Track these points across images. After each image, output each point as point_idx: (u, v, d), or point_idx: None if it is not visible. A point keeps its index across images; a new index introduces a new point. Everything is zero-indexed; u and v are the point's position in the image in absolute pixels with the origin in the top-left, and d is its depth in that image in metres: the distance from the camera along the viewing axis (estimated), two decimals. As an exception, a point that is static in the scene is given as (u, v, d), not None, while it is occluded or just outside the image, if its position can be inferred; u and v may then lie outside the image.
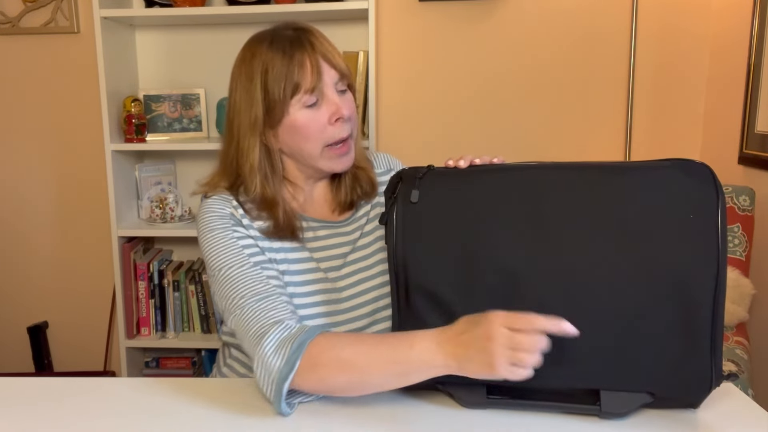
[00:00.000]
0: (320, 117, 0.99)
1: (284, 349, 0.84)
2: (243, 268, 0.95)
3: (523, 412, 0.86)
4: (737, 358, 1.67)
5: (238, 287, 0.94)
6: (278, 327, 0.88)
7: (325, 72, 0.99)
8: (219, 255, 0.97)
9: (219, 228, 0.99)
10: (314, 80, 0.98)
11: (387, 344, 0.81)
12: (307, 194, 1.09)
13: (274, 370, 0.84)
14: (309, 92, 0.98)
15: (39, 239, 2.55)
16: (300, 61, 0.97)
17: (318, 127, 0.99)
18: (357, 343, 0.83)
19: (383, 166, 1.19)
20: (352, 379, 0.82)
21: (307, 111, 0.99)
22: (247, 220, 1.00)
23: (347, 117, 1.01)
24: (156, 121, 2.36)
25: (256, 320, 0.90)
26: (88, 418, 0.88)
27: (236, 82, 1.03)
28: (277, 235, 1.01)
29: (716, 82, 2.23)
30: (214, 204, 1.01)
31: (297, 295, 1.01)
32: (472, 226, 0.83)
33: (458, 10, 2.30)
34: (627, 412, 0.82)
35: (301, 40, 0.99)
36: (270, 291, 0.93)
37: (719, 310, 0.78)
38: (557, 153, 2.35)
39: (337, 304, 1.04)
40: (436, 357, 0.78)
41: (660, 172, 0.81)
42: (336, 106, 1.00)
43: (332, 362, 0.82)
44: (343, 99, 1.02)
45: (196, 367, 2.47)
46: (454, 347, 0.77)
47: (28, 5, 2.37)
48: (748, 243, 1.87)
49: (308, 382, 0.84)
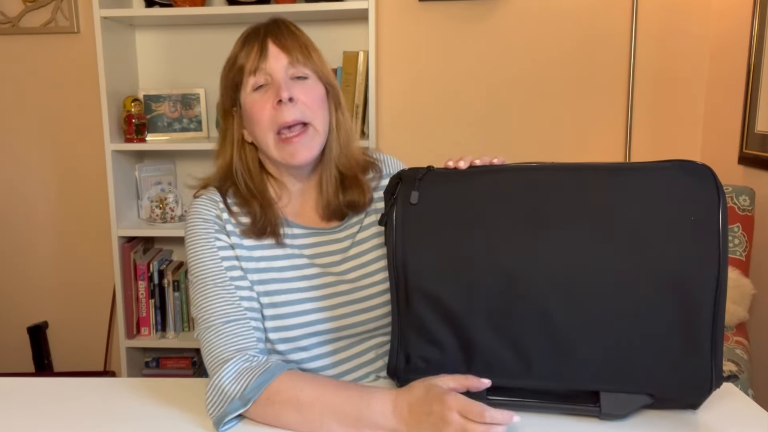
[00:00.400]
0: (265, 100, 0.98)
1: (243, 381, 0.86)
2: (218, 287, 0.95)
3: (522, 412, 0.86)
4: (737, 358, 1.67)
5: (211, 304, 0.94)
6: (240, 356, 0.89)
7: (273, 55, 0.98)
8: (199, 264, 0.97)
9: (203, 233, 0.98)
10: (257, 62, 0.98)
11: (345, 396, 0.83)
12: (294, 196, 1.06)
13: (228, 399, 0.86)
14: (252, 74, 0.98)
15: (39, 239, 2.55)
16: (250, 47, 0.99)
17: (262, 111, 0.97)
18: (317, 388, 0.85)
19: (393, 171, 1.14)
20: (306, 419, 0.84)
21: (254, 94, 0.99)
22: (230, 225, 1.00)
23: (286, 98, 0.95)
24: (156, 121, 2.36)
25: (220, 343, 0.91)
26: (88, 418, 0.88)
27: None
28: (255, 232, 0.99)
29: (716, 83, 2.23)
30: (201, 205, 1.01)
31: (280, 304, 0.99)
32: (472, 227, 0.83)
33: (458, 10, 2.30)
34: (627, 414, 0.82)
35: (259, 30, 1.01)
36: (239, 315, 0.94)
37: (720, 312, 0.78)
38: (557, 153, 2.35)
39: (344, 296, 1.02)
40: (389, 422, 0.80)
41: (661, 173, 0.81)
42: (278, 87, 0.97)
43: (289, 401, 0.84)
44: (299, 84, 0.99)
45: (196, 367, 2.47)
46: (407, 417, 0.80)
47: (28, 5, 2.37)
48: (748, 243, 1.87)
49: (262, 415, 0.86)
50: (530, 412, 0.86)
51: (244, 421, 0.88)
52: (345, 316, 1.01)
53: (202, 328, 0.94)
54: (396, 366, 0.88)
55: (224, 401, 0.86)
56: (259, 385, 0.85)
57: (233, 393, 0.86)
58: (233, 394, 0.86)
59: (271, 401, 0.85)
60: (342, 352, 1.02)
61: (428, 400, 0.79)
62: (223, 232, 0.99)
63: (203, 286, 0.96)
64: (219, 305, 0.94)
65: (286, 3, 2.14)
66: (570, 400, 0.83)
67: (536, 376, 0.82)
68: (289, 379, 0.86)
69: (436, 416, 0.77)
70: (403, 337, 0.87)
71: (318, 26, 2.27)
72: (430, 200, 0.85)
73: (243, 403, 0.85)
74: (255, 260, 1.00)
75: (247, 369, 0.87)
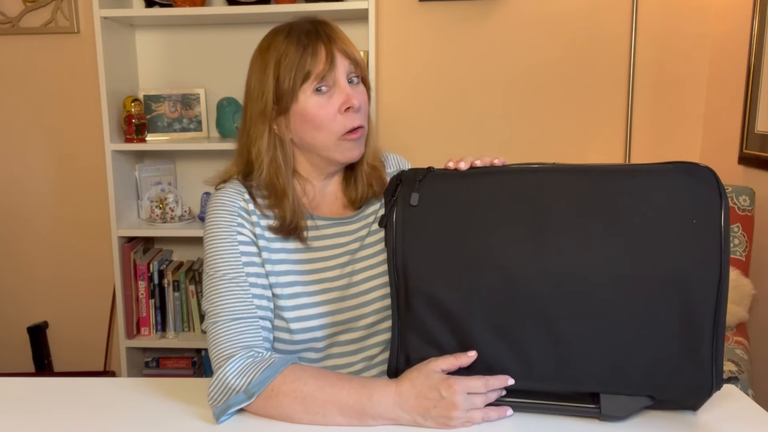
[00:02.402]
0: (331, 105, 0.99)
1: (247, 376, 0.87)
2: (232, 284, 0.96)
3: (522, 413, 0.86)
4: (737, 358, 1.67)
5: (222, 300, 0.95)
6: (246, 352, 0.90)
7: (339, 61, 0.99)
8: (216, 257, 0.97)
9: (225, 225, 0.99)
10: (326, 68, 0.98)
11: (348, 388, 0.85)
12: (318, 191, 1.08)
13: (231, 392, 0.87)
14: (320, 79, 0.98)
15: (39, 239, 2.55)
16: (314, 50, 0.98)
17: (328, 115, 0.99)
18: (321, 380, 0.87)
19: (393, 166, 1.18)
20: (310, 411, 0.85)
21: (317, 98, 0.99)
22: (256, 216, 1.00)
23: (357, 107, 0.99)
24: (156, 121, 2.36)
25: (227, 338, 0.92)
26: (88, 418, 0.88)
27: (251, 72, 1.04)
28: (282, 233, 1.01)
29: (716, 83, 2.23)
30: (225, 196, 1.01)
31: (301, 294, 1.01)
32: (472, 229, 0.83)
33: (458, 10, 2.30)
34: (627, 416, 0.82)
35: (317, 31, 1.00)
36: (249, 313, 0.95)
37: (721, 314, 0.78)
38: (557, 154, 2.35)
39: (342, 302, 1.03)
40: (392, 412, 0.84)
41: (663, 175, 0.80)
42: (347, 95, 0.99)
43: (293, 394, 0.86)
44: (355, 89, 1.01)
45: (196, 367, 2.47)
46: (414, 405, 0.83)
47: (28, 5, 2.37)
48: (748, 243, 1.87)
49: (266, 408, 0.87)
50: (530, 412, 0.86)
51: (246, 414, 0.88)
52: (350, 309, 1.03)
53: (210, 322, 0.95)
54: (396, 366, 0.88)
55: (228, 393, 0.86)
56: (264, 380, 0.86)
57: (237, 386, 0.86)
58: (237, 388, 0.86)
59: (276, 393, 0.86)
60: (355, 343, 1.04)
61: (433, 386, 0.83)
62: (247, 224, 1.00)
63: (218, 281, 0.96)
64: (230, 302, 0.94)
65: (286, 3, 2.14)
66: (570, 401, 0.83)
67: (536, 377, 0.82)
68: (292, 372, 0.87)
69: (446, 401, 0.82)
70: (403, 338, 0.87)
71: (318, 26, 2.27)
72: (430, 202, 0.85)
73: (247, 396, 0.86)
74: (275, 252, 1.01)
75: (251, 364, 0.88)
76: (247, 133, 1.03)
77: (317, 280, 1.03)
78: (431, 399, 0.82)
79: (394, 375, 0.89)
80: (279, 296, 0.99)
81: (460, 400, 0.82)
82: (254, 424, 0.86)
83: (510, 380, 0.83)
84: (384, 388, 0.85)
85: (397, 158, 1.20)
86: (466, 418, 0.83)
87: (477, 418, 0.83)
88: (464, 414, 0.82)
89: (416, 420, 0.83)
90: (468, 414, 0.83)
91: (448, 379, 0.83)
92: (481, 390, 0.83)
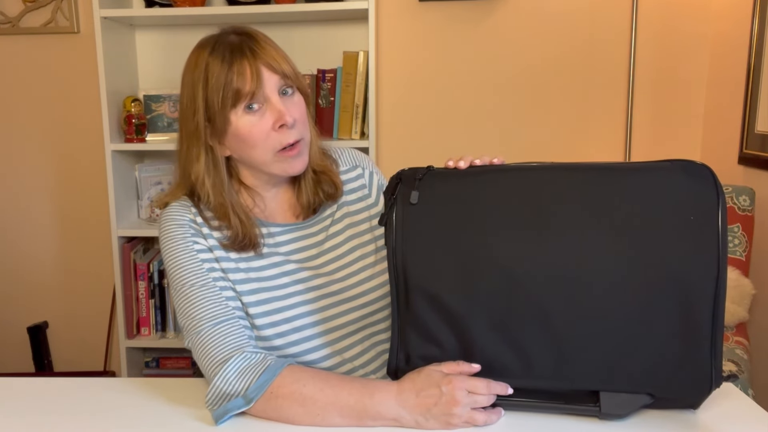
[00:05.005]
0: (263, 123, 0.96)
1: (245, 380, 0.87)
2: (203, 289, 0.95)
3: (523, 412, 0.86)
4: (737, 358, 1.67)
5: (197, 309, 0.94)
6: (238, 354, 0.89)
7: (266, 77, 0.96)
8: (179, 269, 0.97)
9: (179, 238, 0.98)
10: (253, 85, 0.95)
11: (348, 388, 0.86)
12: (269, 201, 1.06)
13: (230, 397, 0.86)
14: (249, 97, 0.95)
15: (39, 239, 2.55)
16: (239, 69, 0.95)
17: (261, 134, 0.96)
18: (320, 381, 0.86)
19: (348, 163, 1.15)
20: (309, 413, 0.85)
21: (249, 117, 0.96)
22: (207, 229, 0.99)
23: (291, 123, 0.96)
24: (156, 121, 2.36)
25: (215, 345, 0.91)
26: (88, 418, 0.88)
27: (182, 89, 1.01)
28: (236, 246, 0.99)
29: (716, 83, 2.23)
30: (174, 212, 1.00)
31: (277, 298, 0.99)
32: (472, 227, 0.83)
33: (458, 10, 2.30)
34: (627, 414, 0.82)
35: (241, 47, 0.97)
36: (228, 314, 0.94)
37: (719, 311, 0.78)
38: (557, 153, 2.35)
39: (325, 288, 1.02)
40: (392, 411, 0.84)
41: (660, 173, 0.81)
42: (279, 112, 0.96)
43: (293, 395, 0.85)
44: (289, 101, 0.98)
45: (196, 367, 2.47)
46: (415, 403, 0.83)
47: (28, 5, 2.37)
48: (748, 243, 1.87)
49: (266, 411, 0.87)
50: (530, 412, 0.86)
51: (245, 417, 0.88)
52: (326, 308, 1.01)
53: (192, 334, 0.94)
54: (396, 366, 0.88)
55: (226, 399, 0.86)
56: (262, 384, 0.86)
57: (235, 392, 0.86)
58: (235, 393, 0.86)
59: (275, 396, 0.86)
60: (335, 344, 1.02)
61: (433, 383, 0.83)
62: (200, 236, 0.98)
63: (188, 291, 0.95)
64: (206, 308, 0.94)
65: (286, 3, 2.14)
66: (570, 399, 0.83)
67: (536, 375, 0.82)
68: (290, 374, 0.87)
69: (447, 397, 0.82)
70: (403, 337, 0.87)
71: (318, 26, 2.27)
72: (429, 200, 0.85)
73: (246, 401, 0.86)
74: (233, 261, 0.99)
75: (248, 367, 0.88)
76: (185, 154, 1.01)
77: (282, 285, 1.00)
78: (432, 396, 0.82)
79: (394, 373, 0.89)
80: (249, 306, 0.97)
81: (461, 396, 0.82)
82: (254, 425, 0.86)
83: (510, 389, 0.84)
84: (385, 387, 0.85)
85: (352, 154, 1.16)
86: (468, 417, 0.82)
87: (480, 420, 0.83)
88: (465, 412, 0.82)
89: (418, 421, 0.83)
90: (470, 413, 0.82)
91: (449, 375, 0.83)
92: (483, 391, 0.83)
